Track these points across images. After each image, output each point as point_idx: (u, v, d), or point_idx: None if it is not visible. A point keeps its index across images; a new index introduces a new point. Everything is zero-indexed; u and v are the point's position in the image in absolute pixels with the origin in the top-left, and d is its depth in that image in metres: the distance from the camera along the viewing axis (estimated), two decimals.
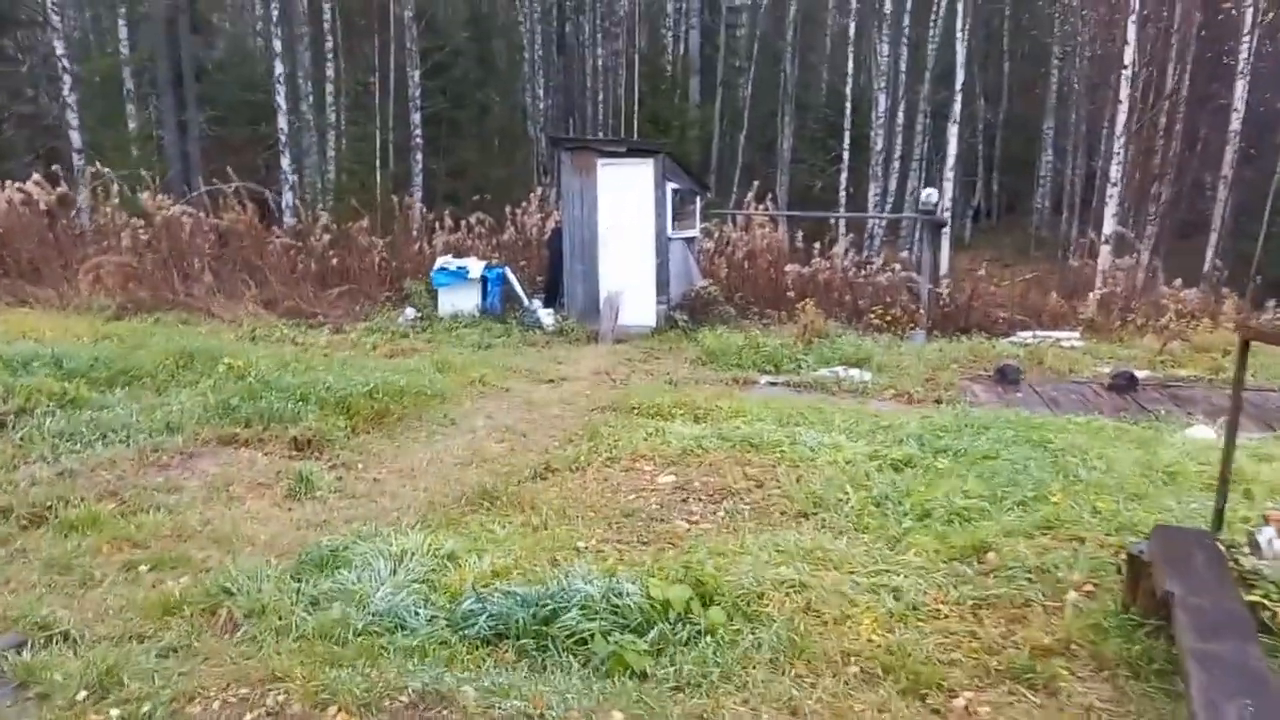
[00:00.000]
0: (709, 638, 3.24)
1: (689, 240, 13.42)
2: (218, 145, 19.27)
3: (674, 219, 12.52)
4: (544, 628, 3.36)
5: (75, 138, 18.18)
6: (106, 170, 13.96)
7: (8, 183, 12.93)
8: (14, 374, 7.64)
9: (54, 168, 13.95)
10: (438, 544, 4.40)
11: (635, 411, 7.82)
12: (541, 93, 26.47)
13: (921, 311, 12.44)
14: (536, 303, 12.76)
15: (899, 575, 3.81)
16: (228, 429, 6.76)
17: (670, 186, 12.39)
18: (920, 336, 11.94)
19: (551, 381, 9.49)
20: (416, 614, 3.54)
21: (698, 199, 13.85)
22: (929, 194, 13.25)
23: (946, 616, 3.47)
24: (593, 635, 3.27)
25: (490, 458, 6.65)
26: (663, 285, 12.42)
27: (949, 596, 3.61)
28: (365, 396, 7.45)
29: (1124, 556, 3.89)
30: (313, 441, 6.65)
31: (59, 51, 18.49)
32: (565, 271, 12.65)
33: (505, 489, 5.70)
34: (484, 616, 3.44)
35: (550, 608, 3.43)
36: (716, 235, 15.14)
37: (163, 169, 17.47)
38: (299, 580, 4.06)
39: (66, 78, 18.36)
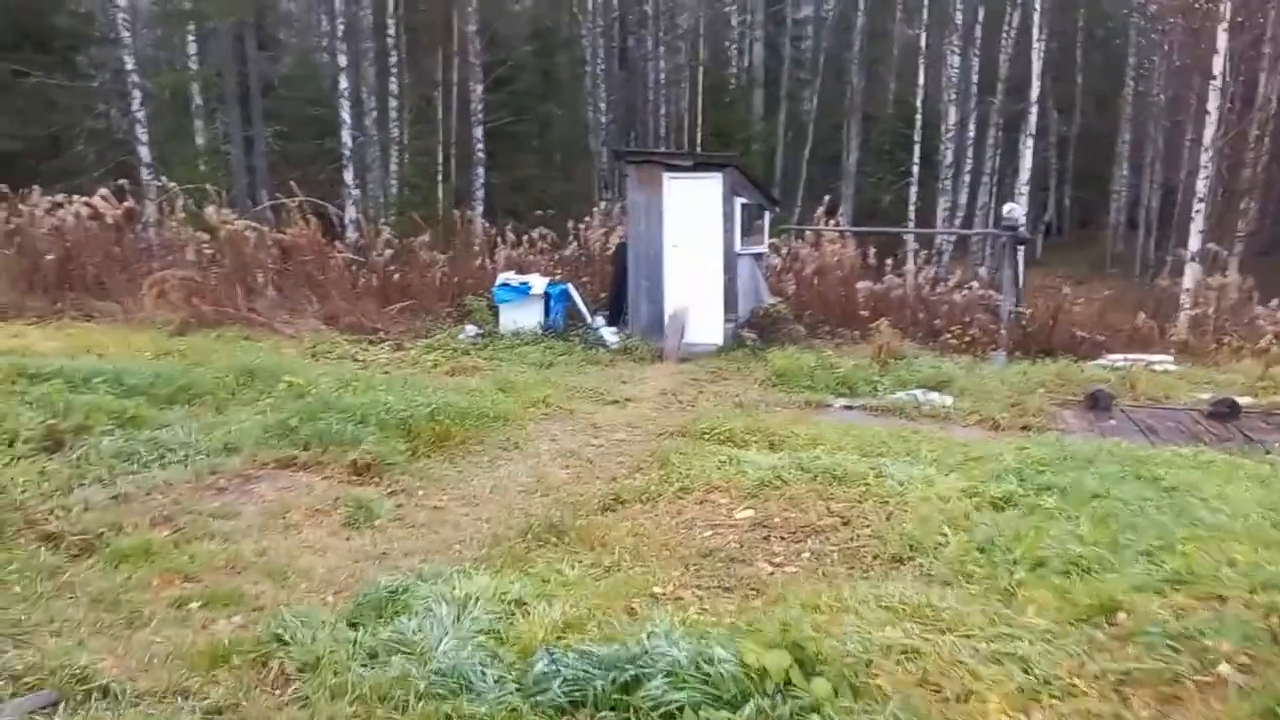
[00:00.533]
0: (815, 716, 2.85)
1: (757, 256, 13.02)
2: (283, 159, 19.34)
3: (742, 234, 12.14)
4: (625, 697, 2.99)
5: (144, 152, 18.37)
6: (173, 184, 13.99)
7: (75, 197, 13.00)
8: (74, 390, 7.48)
9: (122, 182, 14.01)
10: (504, 587, 4.06)
11: (706, 437, 7.45)
12: (604, 106, 26.27)
13: (1002, 331, 11.89)
14: (600, 320, 12.46)
15: (1023, 640, 3.37)
16: (286, 451, 6.51)
17: (739, 201, 12.01)
18: (1001, 358, 11.39)
19: (616, 403, 9.16)
20: (483, 674, 3.19)
21: (766, 214, 13.45)
22: (1011, 209, 12.70)
23: (1085, 693, 3.03)
24: (681, 709, 2.89)
25: (555, 485, 6.33)
26: (730, 302, 12.03)
27: (1085, 669, 3.17)
28: (426, 418, 7.16)
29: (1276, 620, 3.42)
30: (372, 466, 6.37)
31: (129, 67, 18.73)
32: (629, 288, 12.33)
33: (573, 522, 5.36)
34: (558, 681, 3.07)
35: (632, 673, 3.06)
36: (784, 251, 14.72)
37: (229, 183, 17.54)
38: (356, 627, 3.74)
39: (136, 93, 18.58)
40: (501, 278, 12.74)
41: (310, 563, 4.85)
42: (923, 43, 26.30)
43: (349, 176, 17.96)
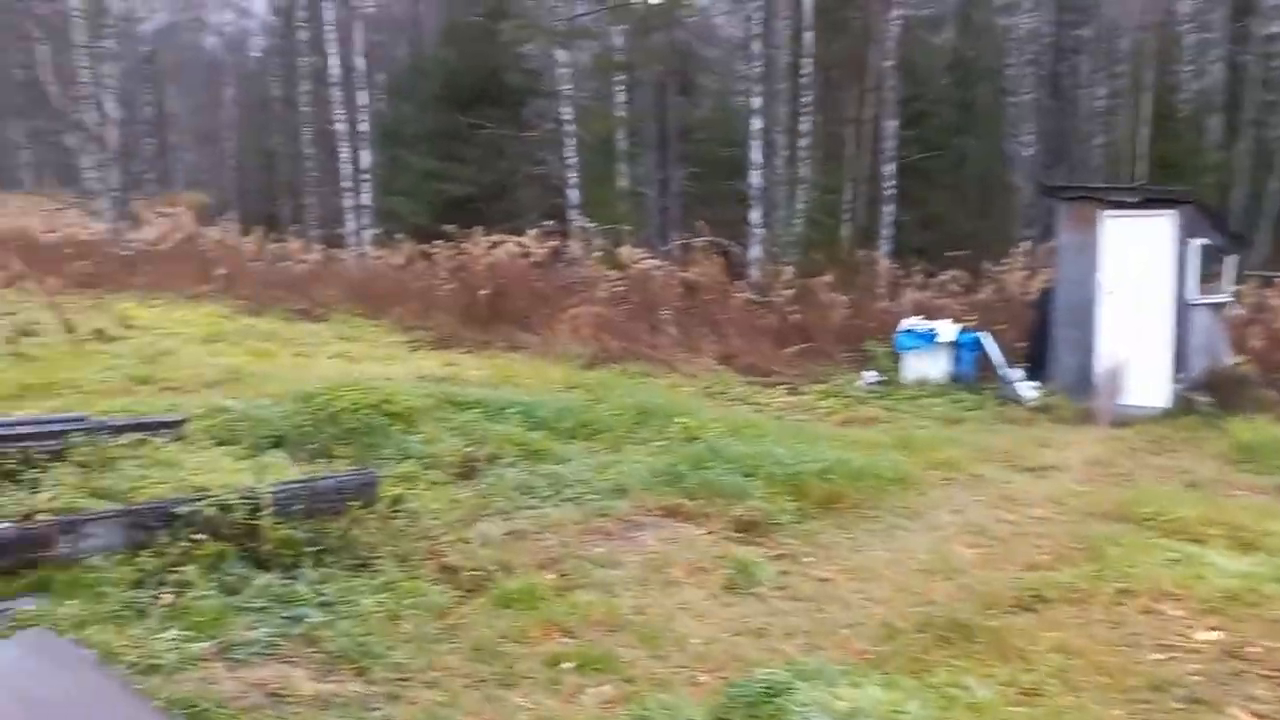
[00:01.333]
0: None
1: (1216, 307, 11.10)
2: (694, 200, 19.97)
3: (1197, 281, 10.39)
4: None
5: (572, 195, 19.85)
6: (593, 225, 14.84)
7: (509, 237, 14.20)
8: (491, 420, 7.94)
9: (549, 223, 15.12)
10: (898, 703, 3.43)
11: (1149, 524, 6.20)
12: (1028, 138, 24.41)
13: None
14: (1016, 373, 11.25)
15: None
16: (672, 498, 6.34)
17: (1195, 243, 10.29)
18: None
19: (1034, 470, 8.05)
20: None
21: (1230, 258, 11.46)
22: None
23: None
24: None
25: (960, 568, 5.52)
26: (1179, 359, 10.33)
27: None
28: (817, 476, 6.66)
29: None
30: (758, 524, 5.99)
31: (566, 117, 20.39)
32: (1054, 338, 11.04)
33: (982, 621, 4.56)
34: None
35: None
36: (1250, 301, 12.47)
37: (642, 223, 18.38)
38: None
39: (571, 141, 20.16)
40: (906, 323, 11.98)
41: (686, 629, 4.54)
42: None
43: (755, 216, 18.08)
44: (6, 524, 4.41)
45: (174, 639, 3.64)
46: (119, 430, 6.37)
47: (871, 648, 4.35)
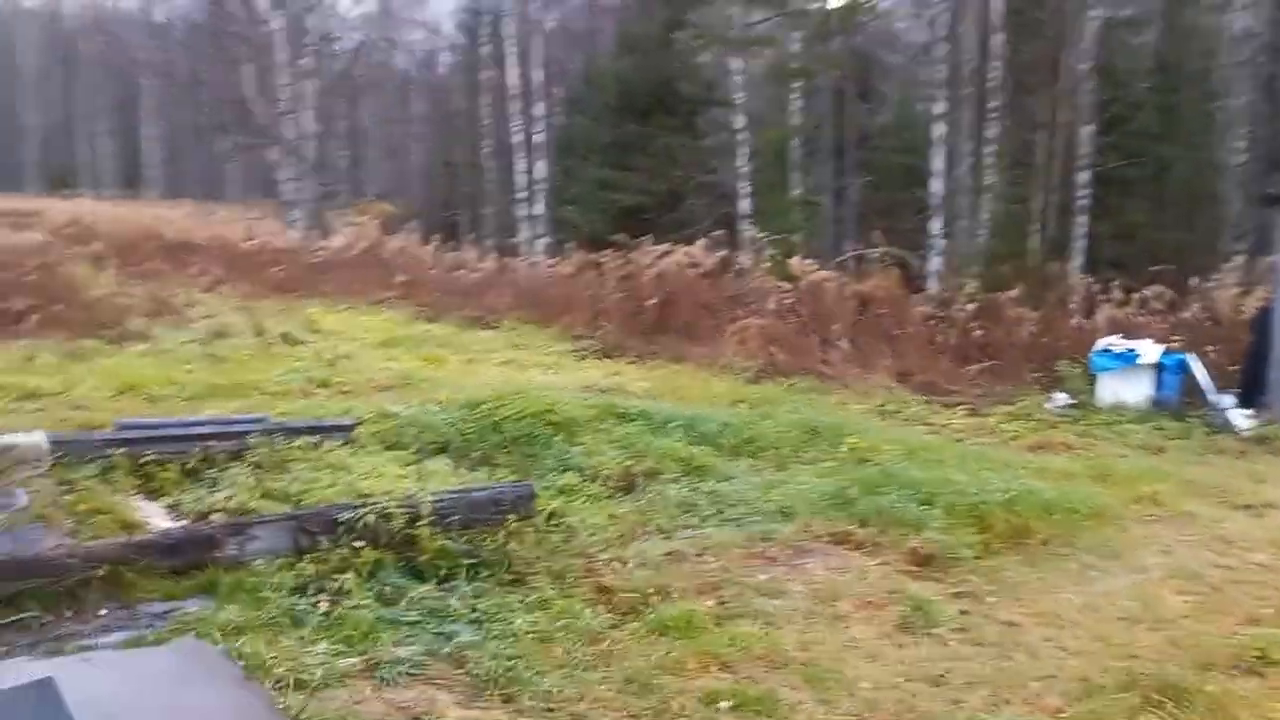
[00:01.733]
0: None
1: None
2: (871, 209, 19.34)
3: None
4: None
5: (744, 204, 19.58)
6: (764, 234, 14.51)
7: (678, 247, 14.06)
8: (654, 433, 7.78)
9: (719, 232, 14.90)
10: None
11: None
12: (1241, 145, 22.48)
13: None
14: (1227, 399, 10.21)
15: None
16: (841, 525, 5.97)
17: None
18: None
19: (1251, 508, 7.22)
20: None
21: None
22: None
23: None
24: None
25: (1168, 618, 4.95)
26: None
27: None
28: (1002, 507, 6.15)
29: None
30: (935, 557, 5.56)
31: (738, 126, 20.15)
32: (1272, 362, 9.98)
33: (1198, 683, 4.02)
34: None
35: None
36: None
37: (815, 233, 17.88)
38: None
39: (743, 149, 19.91)
40: (1102, 342, 11.07)
41: (856, 671, 4.21)
42: None
43: (935, 226, 17.31)
44: (179, 525, 4.52)
45: (324, 653, 3.60)
46: (295, 433, 6.56)
47: (1066, 706, 3.92)
